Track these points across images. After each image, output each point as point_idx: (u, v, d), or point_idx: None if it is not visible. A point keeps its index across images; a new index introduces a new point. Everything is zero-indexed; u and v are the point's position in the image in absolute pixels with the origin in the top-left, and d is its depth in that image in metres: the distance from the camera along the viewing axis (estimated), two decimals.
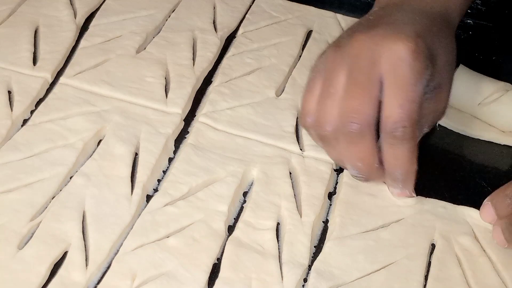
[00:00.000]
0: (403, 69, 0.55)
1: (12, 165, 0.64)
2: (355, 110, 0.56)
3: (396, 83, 0.55)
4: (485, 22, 0.84)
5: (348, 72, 0.57)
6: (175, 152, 0.68)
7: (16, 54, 0.74)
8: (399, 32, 0.56)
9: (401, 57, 0.55)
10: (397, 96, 0.55)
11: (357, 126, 0.56)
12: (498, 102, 0.70)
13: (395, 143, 0.57)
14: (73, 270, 0.57)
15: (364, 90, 0.56)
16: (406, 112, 0.55)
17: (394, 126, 0.56)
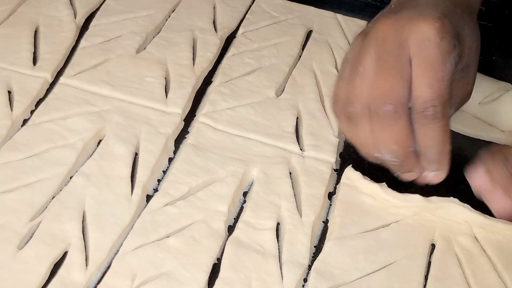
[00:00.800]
0: (431, 49, 0.56)
1: (12, 165, 0.64)
2: (388, 92, 0.56)
3: (425, 63, 0.56)
4: (485, 22, 0.84)
5: (376, 55, 0.57)
6: (175, 152, 0.68)
7: (16, 54, 0.74)
8: (425, 13, 0.57)
9: (428, 37, 0.56)
10: (426, 75, 0.56)
11: (392, 107, 0.56)
12: (499, 101, 0.70)
13: (427, 122, 0.57)
14: (73, 270, 0.57)
15: (395, 72, 0.56)
16: (436, 91, 0.56)
17: (425, 106, 0.56)
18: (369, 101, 0.57)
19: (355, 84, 0.58)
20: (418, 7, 0.59)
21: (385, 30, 0.57)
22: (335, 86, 0.62)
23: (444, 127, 0.58)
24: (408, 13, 0.58)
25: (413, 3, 0.60)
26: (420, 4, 0.59)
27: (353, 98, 0.58)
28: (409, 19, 0.57)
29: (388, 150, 0.59)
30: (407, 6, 0.60)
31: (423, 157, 0.60)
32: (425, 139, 0.58)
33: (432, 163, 0.60)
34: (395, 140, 0.58)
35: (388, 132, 0.57)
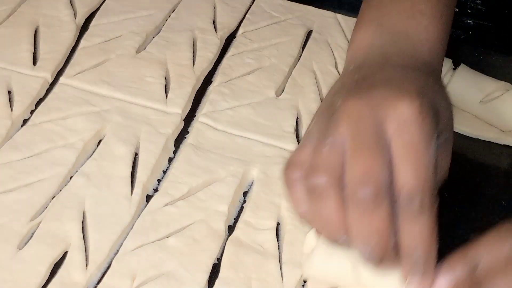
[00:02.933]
0: (413, 132, 0.49)
1: (12, 165, 0.64)
2: (368, 172, 0.48)
3: (406, 147, 0.49)
4: (485, 22, 0.84)
5: (350, 131, 0.49)
6: (175, 152, 0.68)
7: (16, 54, 0.74)
8: (400, 91, 0.50)
9: (408, 118, 0.49)
10: (409, 160, 0.48)
11: (373, 190, 0.47)
12: (499, 100, 0.70)
13: (412, 215, 0.48)
14: (73, 270, 0.57)
15: (375, 151, 0.48)
16: (422, 180, 0.48)
17: (411, 197, 0.48)
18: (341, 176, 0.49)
19: (322, 153, 0.50)
20: (390, 82, 0.52)
21: (358, 110, 0.50)
22: (293, 153, 0.52)
23: (432, 222, 0.49)
24: (380, 90, 0.51)
25: (382, 76, 0.53)
26: (391, 78, 0.52)
27: (320, 167, 0.49)
28: (384, 97, 0.50)
29: (364, 242, 0.49)
30: (376, 80, 0.52)
31: (406, 260, 0.50)
32: (410, 236, 0.49)
33: (417, 265, 0.50)
34: (375, 231, 0.48)
35: (366, 220, 0.48)
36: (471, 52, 0.80)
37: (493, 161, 0.70)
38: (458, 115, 0.72)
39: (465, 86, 0.71)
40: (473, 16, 0.84)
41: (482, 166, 0.70)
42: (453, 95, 0.72)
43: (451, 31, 0.61)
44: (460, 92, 0.71)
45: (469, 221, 0.64)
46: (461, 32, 0.83)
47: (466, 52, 0.79)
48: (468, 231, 0.64)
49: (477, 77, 0.72)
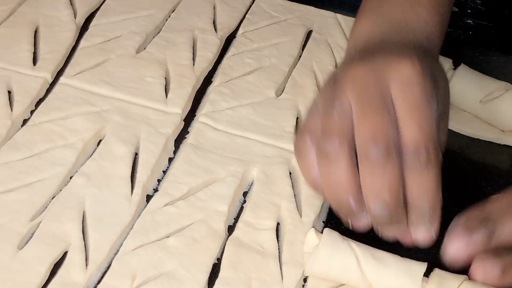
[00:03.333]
0: (415, 90, 0.51)
1: (12, 165, 0.64)
2: (377, 131, 0.50)
3: (411, 104, 0.51)
4: (485, 22, 0.84)
5: (355, 96, 0.52)
6: (175, 152, 0.68)
7: (16, 54, 0.74)
8: (401, 55, 0.53)
9: (410, 77, 0.52)
10: (413, 117, 0.51)
11: (383, 149, 0.50)
12: (500, 99, 0.70)
13: (420, 169, 0.51)
14: (73, 270, 0.57)
15: (381, 111, 0.51)
16: (427, 133, 0.51)
17: (418, 149, 0.50)
18: (351, 139, 0.51)
19: (332, 118, 0.52)
20: (391, 52, 0.55)
21: (362, 75, 0.52)
22: (303, 123, 0.55)
23: (438, 174, 0.52)
24: (382, 56, 0.53)
25: (382, 50, 0.56)
26: (391, 49, 0.55)
27: (331, 131, 0.51)
28: (386, 62, 0.53)
29: (378, 199, 0.51)
30: (377, 52, 0.55)
31: (413, 210, 0.53)
32: (417, 187, 0.51)
33: (423, 216, 0.53)
34: (387, 187, 0.50)
35: (379, 177, 0.50)
36: (471, 52, 0.80)
37: (493, 161, 0.70)
38: (458, 115, 0.72)
39: (465, 86, 0.71)
40: (473, 16, 0.84)
41: (482, 166, 0.70)
42: (453, 95, 0.72)
43: (447, 26, 0.63)
44: (460, 92, 0.71)
45: None
46: (461, 32, 0.83)
47: (466, 52, 0.79)
48: None
49: (477, 77, 0.72)
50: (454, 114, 0.72)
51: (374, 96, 0.51)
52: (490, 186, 0.67)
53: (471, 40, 0.82)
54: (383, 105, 0.51)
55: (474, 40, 0.82)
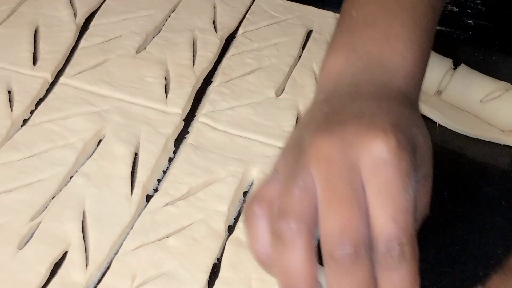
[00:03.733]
0: (389, 173, 0.44)
1: (12, 165, 0.64)
2: (345, 228, 0.44)
3: (383, 191, 0.44)
4: (485, 22, 0.84)
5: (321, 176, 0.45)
6: (175, 152, 0.68)
7: (16, 54, 0.74)
8: (374, 126, 0.45)
9: (383, 158, 0.44)
10: (386, 206, 0.44)
11: (352, 249, 0.43)
12: (500, 99, 0.70)
13: (393, 266, 0.44)
14: (73, 270, 0.57)
15: (350, 202, 0.44)
16: (401, 225, 0.44)
17: (390, 244, 0.44)
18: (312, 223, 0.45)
19: (292, 196, 0.45)
20: (362, 115, 0.47)
21: (328, 150, 0.45)
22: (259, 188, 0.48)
23: (414, 271, 0.45)
24: (351, 126, 0.46)
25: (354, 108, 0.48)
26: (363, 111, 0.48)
27: (289, 211, 0.45)
28: (355, 135, 0.45)
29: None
30: (347, 113, 0.48)
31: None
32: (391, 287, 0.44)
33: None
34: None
35: (346, 281, 0.44)
36: (471, 52, 0.80)
37: (493, 161, 0.70)
38: (458, 115, 0.72)
39: (465, 86, 0.71)
40: (473, 16, 0.84)
41: (482, 166, 0.70)
42: (453, 95, 0.72)
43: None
44: (460, 92, 0.71)
45: (469, 221, 0.64)
46: (461, 32, 0.83)
47: (466, 52, 0.79)
48: (468, 231, 0.64)
49: (477, 77, 0.72)
50: (454, 114, 0.72)
51: (342, 182, 0.44)
52: (490, 186, 0.67)
53: (471, 40, 0.82)
54: (352, 194, 0.44)
55: (474, 40, 0.82)
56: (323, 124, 0.47)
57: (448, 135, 0.72)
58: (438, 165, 0.69)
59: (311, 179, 0.45)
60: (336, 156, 0.45)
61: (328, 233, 0.44)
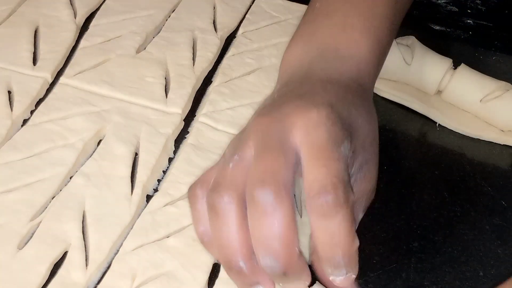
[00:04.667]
0: (320, 134, 0.45)
1: (12, 165, 0.64)
2: (267, 172, 0.44)
3: (315, 148, 0.45)
4: (485, 22, 0.84)
5: (256, 142, 0.46)
6: (175, 152, 0.68)
7: (16, 54, 0.74)
8: (310, 102, 0.47)
9: (316, 122, 0.46)
10: (319, 158, 0.45)
11: (272, 190, 0.43)
12: (500, 99, 0.70)
13: (327, 212, 0.43)
14: (73, 270, 0.57)
15: (277, 152, 0.45)
16: (333, 171, 0.44)
17: (324, 190, 0.43)
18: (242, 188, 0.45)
19: (226, 170, 0.46)
20: (303, 96, 0.49)
21: (266, 123, 0.47)
22: (205, 171, 0.50)
23: (350, 217, 0.44)
24: (289, 104, 0.48)
25: (298, 91, 0.50)
26: (305, 92, 0.50)
27: (222, 183, 0.46)
28: (292, 110, 0.47)
29: (266, 250, 0.44)
30: (290, 96, 0.50)
31: (325, 262, 0.45)
32: (326, 235, 0.44)
33: (338, 267, 0.45)
34: (278, 237, 0.43)
35: (266, 223, 0.43)
36: (471, 52, 0.80)
37: (493, 161, 0.70)
38: (458, 115, 0.72)
39: (465, 86, 0.71)
40: (473, 16, 0.84)
41: (482, 166, 0.70)
42: (453, 95, 0.72)
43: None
44: (460, 91, 0.71)
45: (469, 221, 0.64)
46: (461, 32, 0.83)
47: (466, 52, 0.79)
48: (468, 231, 0.64)
49: (477, 76, 0.72)
50: (454, 114, 0.72)
51: (273, 141, 0.45)
52: (490, 186, 0.67)
53: (471, 40, 0.82)
54: (280, 147, 0.45)
55: (474, 40, 0.82)
56: (266, 107, 0.50)
57: (448, 135, 0.72)
58: (438, 165, 0.69)
59: (249, 151, 0.46)
60: (273, 126, 0.46)
61: (250, 181, 0.44)
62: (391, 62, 0.72)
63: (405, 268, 0.61)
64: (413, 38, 0.74)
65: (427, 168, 0.66)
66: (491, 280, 0.60)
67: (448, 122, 0.72)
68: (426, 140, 0.71)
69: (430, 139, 0.71)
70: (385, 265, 0.60)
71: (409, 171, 0.69)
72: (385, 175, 0.64)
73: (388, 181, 0.65)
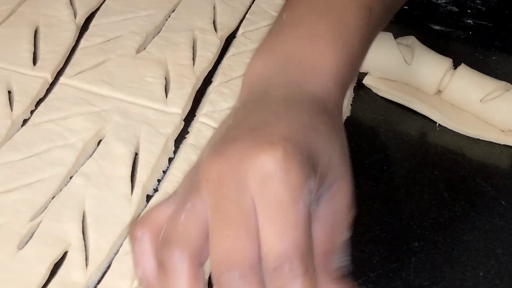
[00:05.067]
0: (275, 188, 0.42)
1: (12, 165, 0.64)
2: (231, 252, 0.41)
3: (271, 207, 0.42)
4: (485, 22, 0.84)
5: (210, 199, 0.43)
6: (175, 152, 0.68)
7: (16, 54, 0.74)
8: (263, 139, 0.43)
9: (269, 172, 0.42)
10: (274, 223, 0.42)
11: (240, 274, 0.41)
12: (501, 98, 0.70)
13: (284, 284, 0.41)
14: (73, 270, 0.57)
15: (238, 224, 0.42)
16: (289, 241, 0.41)
17: (279, 262, 0.41)
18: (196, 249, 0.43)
19: (178, 220, 0.43)
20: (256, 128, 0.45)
21: (217, 170, 0.43)
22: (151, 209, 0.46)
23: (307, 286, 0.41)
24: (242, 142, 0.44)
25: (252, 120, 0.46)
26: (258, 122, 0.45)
27: (173, 237, 0.43)
28: (244, 150, 0.43)
29: None
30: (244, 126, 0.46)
31: None
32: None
33: None
34: None
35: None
36: (471, 52, 0.80)
37: (493, 161, 0.70)
38: (458, 115, 0.72)
39: (465, 86, 0.71)
40: (473, 16, 0.84)
41: (482, 166, 0.70)
42: (453, 95, 0.72)
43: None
44: (460, 91, 0.71)
45: (469, 221, 0.64)
46: (461, 32, 0.83)
47: (466, 52, 0.79)
48: (468, 231, 0.64)
49: (477, 76, 0.72)
50: (454, 114, 0.72)
51: (231, 203, 0.42)
52: (490, 186, 0.67)
53: (471, 40, 0.82)
54: (240, 215, 0.42)
55: (474, 40, 0.82)
56: (218, 141, 0.45)
57: (448, 135, 0.72)
58: (438, 165, 0.69)
59: (202, 202, 0.43)
60: (225, 177, 0.42)
61: (214, 258, 0.42)
62: (391, 62, 0.72)
63: (405, 268, 0.61)
64: (413, 38, 0.74)
65: (427, 168, 0.66)
66: (491, 280, 0.60)
67: (448, 122, 0.72)
68: (426, 140, 0.71)
69: (430, 139, 0.71)
70: (385, 265, 0.60)
71: (409, 171, 0.69)
72: (385, 175, 0.64)
73: (388, 181, 0.65)
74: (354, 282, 0.53)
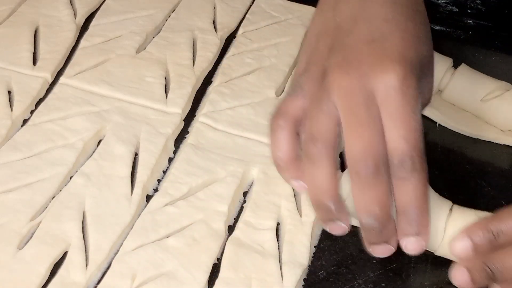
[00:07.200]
0: (398, 99, 0.53)
1: (12, 165, 0.64)
2: (367, 149, 0.52)
3: (395, 115, 0.53)
4: (485, 22, 0.84)
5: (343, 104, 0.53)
6: (175, 152, 0.68)
7: (16, 54, 0.74)
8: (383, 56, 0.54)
9: (393, 86, 0.52)
10: (398, 127, 0.53)
11: (373, 166, 0.52)
12: (501, 98, 0.70)
13: (405, 176, 0.53)
14: (73, 270, 0.57)
15: (369, 126, 0.52)
16: (411, 142, 0.52)
17: (402, 158, 0.52)
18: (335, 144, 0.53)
19: (318, 120, 0.54)
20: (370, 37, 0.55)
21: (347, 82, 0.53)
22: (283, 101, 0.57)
23: (423, 180, 0.53)
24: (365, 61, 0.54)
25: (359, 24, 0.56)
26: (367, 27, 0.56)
27: (317, 135, 0.54)
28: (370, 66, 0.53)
29: (368, 214, 0.53)
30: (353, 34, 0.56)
31: (401, 218, 0.54)
32: (404, 194, 0.53)
33: (412, 223, 0.54)
34: (377, 202, 0.53)
35: (369, 193, 0.52)
36: (471, 52, 0.80)
37: (493, 161, 0.70)
38: (458, 115, 0.72)
39: (465, 86, 0.71)
40: (473, 16, 0.84)
41: (482, 166, 0.70)
42: (453, 95, 0.72)
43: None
44: (460, 91, 0.71)
45: None
46: (461, 32, 0.83)
47: (466, 52, 0.79)
48: None
49: (477, 76, 0.72)
50: (454, 113, 0.72)
51: (361, 109, 0.53)
52: (490, 186, 0.67)
53: (471, 40, 0.82)
54: (371, 118, 0.53)
55: (474, 40, 0.82)
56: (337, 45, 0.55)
57: (448, 135, 0.72)
58: (438, 165, 0.69)
59: (334, 106, 0.53)
60: (355, 87, 0.53)
61: (353, 154, 0.52)
62: None
63: (405, 268, 0.61)
64: None
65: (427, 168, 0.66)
66: None
67: (448, 122, 0.72)
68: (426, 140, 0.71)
69: (430, 139, 0.71)
70: (385, 265, 0.60)
71: None
72: None
73: None
74: (354, 282, 0.54)
